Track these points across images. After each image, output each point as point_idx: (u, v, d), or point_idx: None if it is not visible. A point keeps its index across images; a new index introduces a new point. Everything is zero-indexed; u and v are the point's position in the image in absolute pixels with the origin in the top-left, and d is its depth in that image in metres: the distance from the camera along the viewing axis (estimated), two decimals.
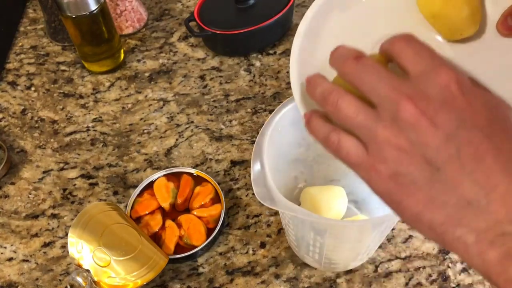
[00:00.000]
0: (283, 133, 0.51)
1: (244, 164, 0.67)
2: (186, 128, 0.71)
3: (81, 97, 0.76)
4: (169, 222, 0.59)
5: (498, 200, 0.28)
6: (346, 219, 0.59)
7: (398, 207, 0.31)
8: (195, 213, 0.60)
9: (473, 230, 0.28)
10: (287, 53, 0.79)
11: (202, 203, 0.60)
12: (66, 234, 0.60)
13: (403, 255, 0.58)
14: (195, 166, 0.67)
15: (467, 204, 0.28)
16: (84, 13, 0.69)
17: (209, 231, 0.59)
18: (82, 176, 0.67)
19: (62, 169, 0.68)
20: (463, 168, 0.28)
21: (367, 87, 0.31)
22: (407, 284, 0.56)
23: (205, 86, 0.76)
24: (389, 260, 0.58)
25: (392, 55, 0.32)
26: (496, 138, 0.28)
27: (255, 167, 0.47)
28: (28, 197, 0.66)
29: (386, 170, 0.30)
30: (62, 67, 0.80)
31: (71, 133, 0.72)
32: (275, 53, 0.80)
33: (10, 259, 0.61)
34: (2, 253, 0.61)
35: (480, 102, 0.29)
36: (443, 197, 0.29)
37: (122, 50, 0.79)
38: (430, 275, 0.56)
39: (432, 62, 0.30)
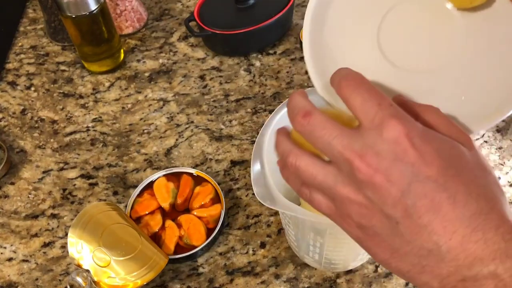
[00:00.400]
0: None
1: (244, 164, 0.67)
2: (186, 128, 0.71)
3: (81, 97, 0.76)
4: (169, 222, 0.59)
5: (457, 246, 0.29)
6: None
7: (369, 252, 0.33)
8: (195, 213, 0.60)
9: (436, 276, 0.30)
10: (287, 53, 0.79)
11: (202, 203, 0.60)
12: (66, 234, 0.60)
13: None
14: (195, 166, 0.67)
15: (428, 252, 0.29)
16: (84, 13, 0.69)
17: (209, 231, 0.59)
18: (82, 176, 0.67)
19: (62, 169, 0.68)
20: (420, 220, 0.29)
21: (319, 145, 0.31)
22: (407, 284, 0.56)
23: (205, 86, 0.76)
24: None
25: (341, 98, 0.33)
26: (451, 186, 0.29)
27: (255, 167, 0.47)
28: (28, 197, 0.66)
29: (352, 222, 0.32)
30: (62, 67, 0.80)
31: (71, 133, 0.72)
32: (275, 53, 0.79)
33: (10, 259, 0.61)
34: (2, 253, 0.61)
35: (431, 151, 0.29)
36: (405, 248, 0.30)
37: (122, 50, 0.79)
38: None
39: (380, 112, 0.30)
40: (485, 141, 0.67)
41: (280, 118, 0.50)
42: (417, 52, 0.39)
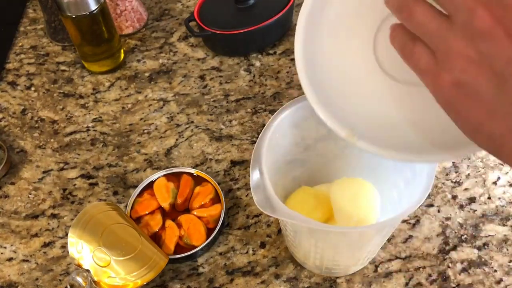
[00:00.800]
0: (282, 134, 0.51)
1: (244, 164, 0.67)
2: (186, 128, 0.71)
3: (81, 97, 0.76)
4: (169, 222, 0.59)
5: None
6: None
7: (458, 116, 0.31)
8: (195, 213, 0.60)
9: None
10: (287, 53, 0.79)
11: (202, 203, 0.60)
12: (66, 234, 0.60)
13: (403, 255, 0.58)
14: (195, 166, 0.67)
15: None
16: (84, 13, 0.69)
17: (209, 231, 0.59)
18: (82, 176, 0.67)
19: (62, 169, 0.68)
20: None
21: None
22: (407, 284, 0.56)
23: (205, 86, 0.76)
24: (389, 260, 0.58)
25: None
26: None
27: (254, 176, 0.47)
28: (28, 197, 0.66)
29: (451, 78, 0.30)
30: (62, 67, 0.80)
31: (71, 133, 0.72)
32: (275, 53, 0.80)
33: (10, 259, 0.61)
34: (2, 253, 0.61)
35: None
36: (508, 108, 0.28)
37: (122, 50, 0.79)
38: (430, 275, 0.57)
39: None
40: None
41: (278, 124, 0.50)
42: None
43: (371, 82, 0.40)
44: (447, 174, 0.64)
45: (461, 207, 0.61)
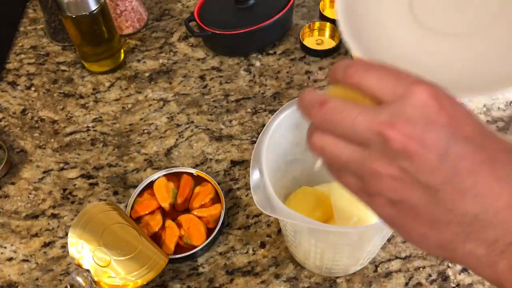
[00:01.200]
0: (282, 134, 0.51)
1: (244, 164, 0.67)
2: (186, 128, 0.71)
3: (81, 97, 0.76)
4: (169, 222, 0.59)
5: (505, 207, 0.27)
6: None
7: (402, 230, 0.31)
8: (195, 213, 0.60)
9: (483, 242, 0.28)
10: (287, 53, 0.79)
11: (202, 203, 0.60)
12: (66, 234, 0.60)
13: (403, 255, 0.58)
14: (195, 166, 0.67)
15: (473, 218, 0.28)
16: (84, 13, 0.69)
17: (209, 231, 0.59)
18: (82, 176, 0.67)
19: (62, 169, 0.68)
20: (462, 184, 0.27)
21: (343, 130, 0.30)
22: (407, 284, 0.56)
23: (205, 86, 0.76)
24: (389, 260, 0.58)
25: (352, 86, 0.31)
26: (488, 145, 0.28)
27: (254, 176, 0.47)
28: (28, 197, 0.66)
29: (383, 199, 0.30)
30: (62, 67, 0.80)
31: (71, 133, 0.72)
32: (275, 53, 0.80)
33: (10, 259, 0.61)
34: (2, 253, 0.61)
35: (461, 113, 0.28)
36: (447, 217, 0.28)
37: (122, 50, 0.79)
38: (430, 275, 0.57)
39: (401, 82, 0.29)
40: None
41: (278, 124, 0.50)
42: (449, 14, 0.39)
43: (403, 30, 0.41)
44: None
45: None
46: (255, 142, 0.49)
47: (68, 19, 0.70)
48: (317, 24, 0.80)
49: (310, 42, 0.80)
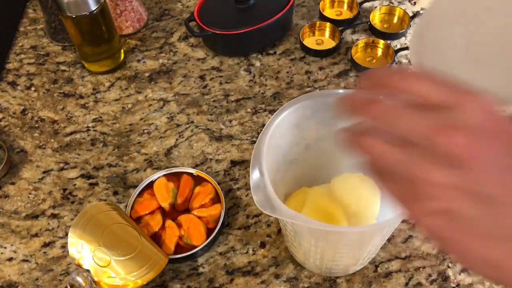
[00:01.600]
0: (282, 134, 0.51)
1: (244, 164, 0.67)
2: (186, 128, 0.71)
3: (81, 97, 0.76)
4: (169, 222, 0.59)
5: None
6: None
7: (447, 242, 0.29)
8: (195, 213, 0.60)
9: None
10: (287, 53, 0.79)
11: (202, 203, 0.60)
12: (66, 234, 0.60)
13: (403, 255, 0.58)
14: (195, 166, 0.67)
15: None
16: (84, 13, 0.69)
17: (209, 231, 0.59)
18: (82, 176, 0.67)
19: (62, 169, 0.68)
20: None
21: (401, 129, 0.28)
22: (407, 284, 0.56)
23: (205, 86, 0.76)
24: (389, 260, 0.58)
25: (402, 89, 0.30)
26: None
27: (254, 176, 0.47)
28: (28, 197, 0.66)
29: (433, 207, 0.28)
30: (62, 67, 0.80)
31: (71, 133, 0.72)
32: (275, 53, 0.80)
33: (10, 259, 0.61)
34: (2, 253, 0.61)
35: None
36: (502, 231, 0.27)
37: (122, 50, 0.79)
38: (430, 275, 0.57)
39: (454, 91, 0.28)
40: None
41: (278, 124, 0.50)
42: (495, 54, 0.46)
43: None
44: None
45: None
46: (255, 142, 0.49)
47: (68, 19, 0.70)
48: (317, 24, 0.80)
49: (310, 42, 0.80)
